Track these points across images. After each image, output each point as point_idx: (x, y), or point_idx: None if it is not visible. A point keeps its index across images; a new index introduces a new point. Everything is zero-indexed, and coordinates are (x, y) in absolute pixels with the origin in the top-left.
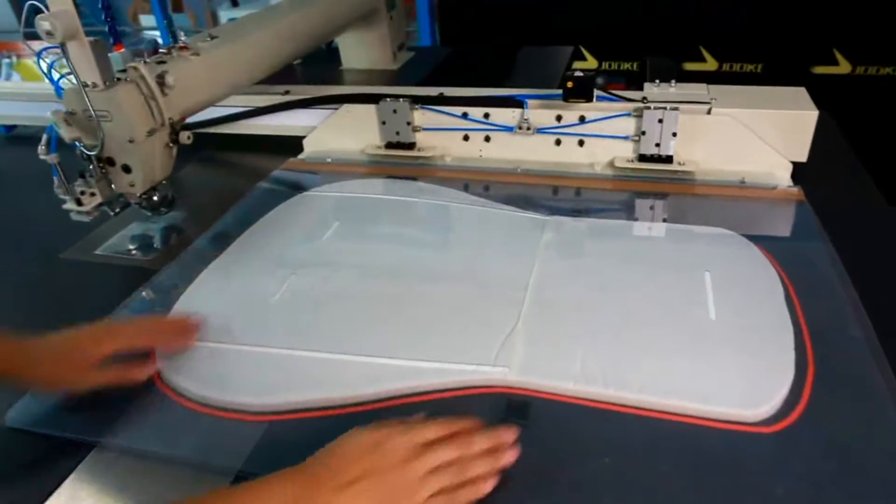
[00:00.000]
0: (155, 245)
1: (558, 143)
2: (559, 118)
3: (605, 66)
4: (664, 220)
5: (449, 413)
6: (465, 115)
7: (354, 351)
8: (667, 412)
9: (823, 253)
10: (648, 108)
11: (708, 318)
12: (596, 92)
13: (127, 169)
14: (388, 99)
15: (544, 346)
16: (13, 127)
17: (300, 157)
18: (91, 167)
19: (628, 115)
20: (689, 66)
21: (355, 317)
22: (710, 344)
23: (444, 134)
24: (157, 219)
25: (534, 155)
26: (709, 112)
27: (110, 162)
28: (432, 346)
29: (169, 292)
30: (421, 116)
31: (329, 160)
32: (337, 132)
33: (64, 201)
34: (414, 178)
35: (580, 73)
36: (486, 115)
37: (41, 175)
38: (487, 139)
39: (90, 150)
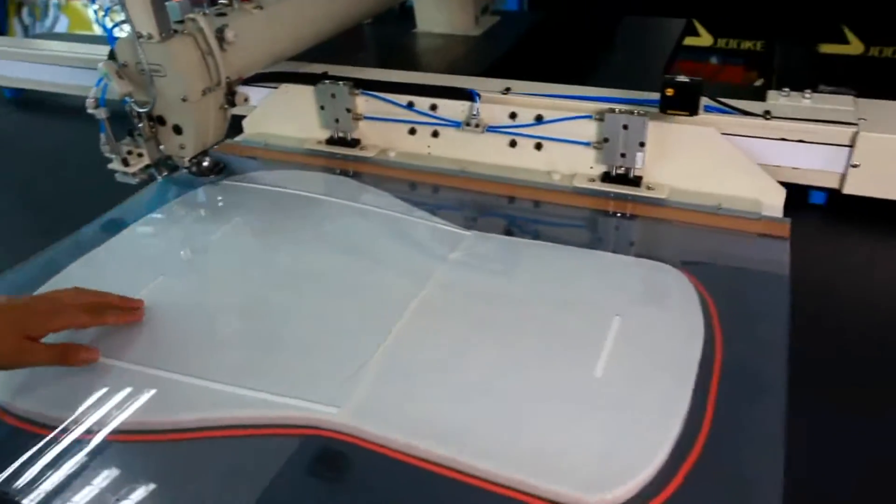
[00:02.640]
0: None
1: (513, 144)
2: (513, 115)
3: (720, 43)
4: (606, 248)
5: (264, 452)
6: (410, 106)
7: (184, 370)
8: (502, 485)
9: (780, 305)
10: (612, 111)
11: (592, 375)
12: (704, 102)
13: (178, 130)
14: (327, 82)
15: (390, 389)
16: (21, 91)
17: (237, 138)
18: (140, 126)
19: (590, 117)
20: (828, 49)
21: (204, 331)
22: (581, 408)
23: (389, 126)
24: None
25: (485, 156)
26: (852, 141)
27: (161, 121)
28: (273, 374)
29: (33, 282)
30: (364, 104)
31: (264, 145)
32: (276, 114)
33: (110, 160)
34: (353, 174)
35: (685, 79)
36: (433, 107)
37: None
38: (435, 134)
39: (141, 107)
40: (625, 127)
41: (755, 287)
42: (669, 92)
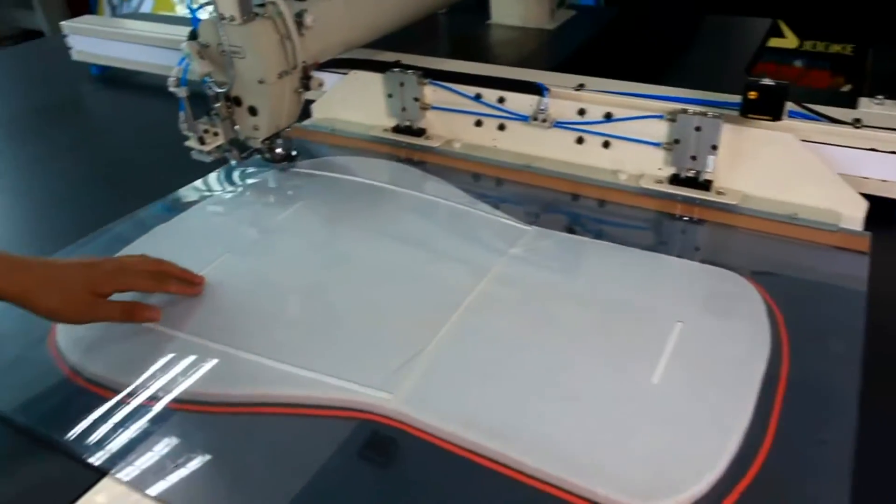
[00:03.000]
0: None
1: (580, 141)
2: (582, 112)
3: (807, 46)
4: (670, 252)
5: (317, 432)
6: (478, 97)
7: (243, 346)
8: (548, 483)
9: (855, 322)
10: (685, 111)
11: (649, 381)
12: (788, 108)
13: (253, 111)
14: (397, 70)
15: (443, 380)
16: (106, 68)
17: (306, 122)
18: (217, 106)
19: (661, 117)
20: None
21: (265, 310)
22: (636, 414)
23: (456, 116)
24: None
25: (551, 152)
26: None
27: (237, 102)
28: (328, 356)
29: (103, 252)
30: (432, 93)
31: (331, 130)
32: (345, 100)
33: (187, 137)
34: (417, 162)
35: (770, 83)
36: (501, 100)
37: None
38: (502, 128)
39: (220, 88)
40: (697, 129)
41: (829, 302)
42: (752, 95)
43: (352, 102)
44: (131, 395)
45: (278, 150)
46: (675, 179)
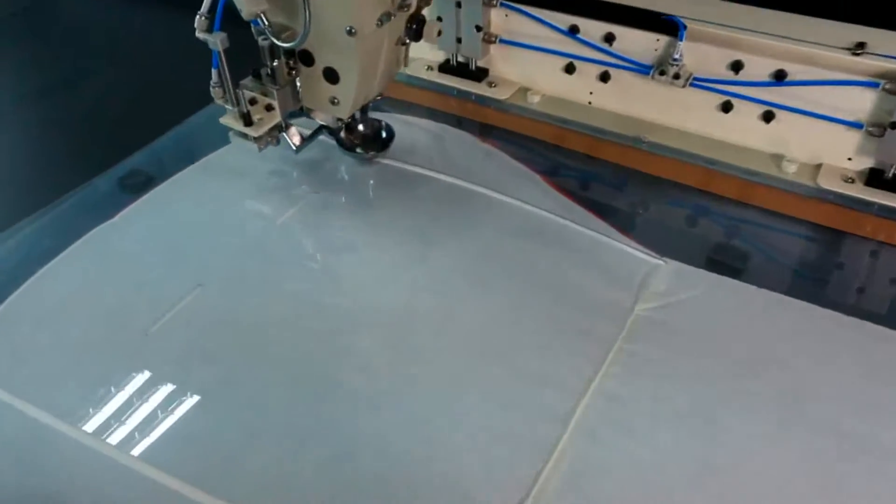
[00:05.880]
0: None
1: (727, 108)
2: (737, 66)
3: None
4: (870, 309)
5: None
6: (573, 32)
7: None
8: None
9: None
10: None
11: None
12: None
13: (332, 76)
14: None
15: None
16: None
17: None
18: (274, 65)
19: (872, 84)
20: None
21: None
22: None
23: (535, 56)
24: None
25: (680, 120)
26: None
27: (306, 60)
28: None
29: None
30: (503, 20)
31: None
32: None
33: (223, 112)
34: (471, 123)
35: None
36: (609, 38)
37: None
38: (605, 77)
39: (283, 41)
40: None
41: None
42: None
43: None
44: None
45: (361, 127)
46: (874, 179)
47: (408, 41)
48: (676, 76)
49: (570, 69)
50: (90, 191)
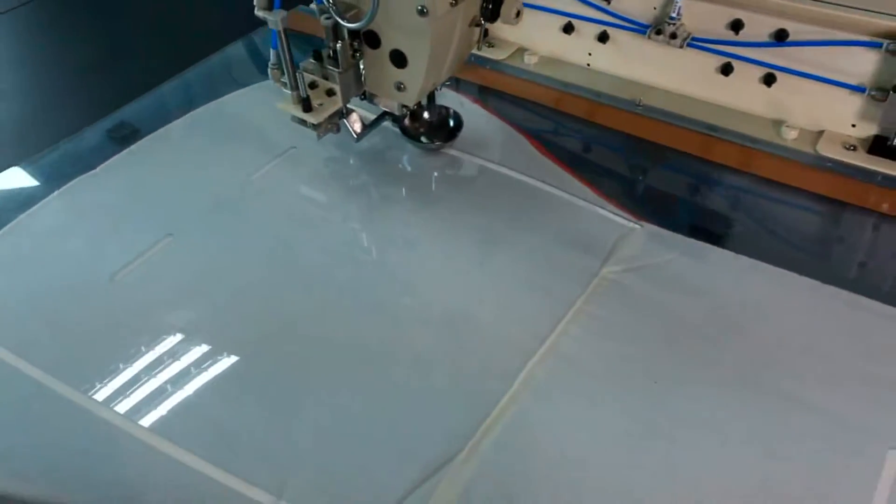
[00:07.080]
0: None
1: (726, 70)
2: (737, 26)
3: None
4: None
5: None
6: None
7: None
8: None
9: None
10: None
11: None
12: None
13: (399, 58)
14: None
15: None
16: None
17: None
18: (337, 46)
19: (874, 45)
20: None
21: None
22: None
23: (533, 15)
24: None
25: (678, 83)
26: None
27: (372, 42)
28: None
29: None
30: None
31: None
32: None
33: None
34: (463, 84)
35: None
36: None
37: None
38: (603, 38)
39: (348, 20)
40: None
41: None
42: None
43: None
44: None
45: (426, 115)
46: (877, 146)
47: (483, 22)
48: (673, 35)
49: (568, 29)
50: (78, 141)
